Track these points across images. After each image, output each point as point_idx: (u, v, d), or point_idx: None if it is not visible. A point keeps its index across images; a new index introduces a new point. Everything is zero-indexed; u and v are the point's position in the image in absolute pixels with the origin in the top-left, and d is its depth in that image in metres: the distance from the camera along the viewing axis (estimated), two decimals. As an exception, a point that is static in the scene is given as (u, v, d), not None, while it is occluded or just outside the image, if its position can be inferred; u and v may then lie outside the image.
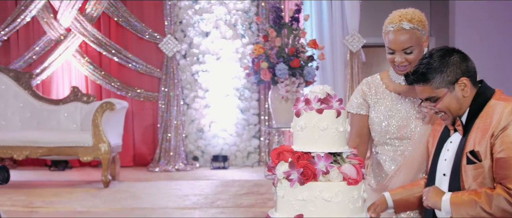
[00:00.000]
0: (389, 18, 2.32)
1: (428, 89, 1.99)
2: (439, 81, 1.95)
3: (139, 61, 7.16)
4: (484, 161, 1.90)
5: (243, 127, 7.31)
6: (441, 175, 2.07)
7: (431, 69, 1.96)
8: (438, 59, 1.97)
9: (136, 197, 5.07)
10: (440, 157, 2.09)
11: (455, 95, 1.97)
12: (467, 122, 1.99)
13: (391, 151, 2.38)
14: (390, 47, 2.29)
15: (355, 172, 1.88)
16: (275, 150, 1.99)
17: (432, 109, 2.03)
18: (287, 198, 1.91)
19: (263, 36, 6.36)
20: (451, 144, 2.05)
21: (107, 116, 5.65)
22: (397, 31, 2.26)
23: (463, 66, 1.96)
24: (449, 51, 1.99)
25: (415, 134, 2.33)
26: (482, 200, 1.85)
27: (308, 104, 1.95)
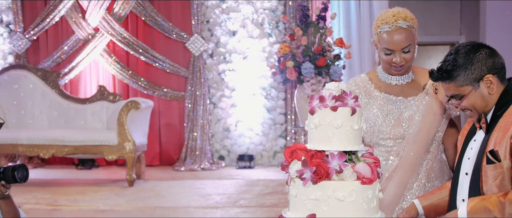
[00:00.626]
0: (381, 19, 2.24)
1: (452, 87, 1.91)
2: (463, 79, 1.88)
3: (166, 61, 7.19)
4: (504, 161, 1.82)
5: (269, 126, 7.26)
6: (464, 174, 1.99)
7: (455, 66, 1.88)
8: (464, 55, 1.88)
9: (159, 196, 5.08)
10: (464, 156, 2.01)
11: (480, 92, 1.89)
12: (491, 120, 1.91)
13: (384, 152, 2.32)
14: (388, 48, 2.22)
15: (369, 171, 1.81)
16: (289, 148, 1.93)
17: (457, 106, 1.96)
18: (300, 197, 1.85)
19: (289, 35, 6.31)
20: (475, 142, 1.98)
21: (132, 114, 5.68)
22: (395, 31, 2.20)
23: (489, 63, 1.87)
24: (476, 47, 1.90)
25: (408, 133, 2.28)
26: (495, 208, 1.77)
27: (323, 101, 1.89)
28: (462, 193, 1.99)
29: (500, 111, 1.88)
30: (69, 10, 7.05)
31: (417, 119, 2.28)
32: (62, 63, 7.19)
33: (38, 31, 7.17)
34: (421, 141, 2.27)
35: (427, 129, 2.28)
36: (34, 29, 7.16)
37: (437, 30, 7.77)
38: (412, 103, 2.31)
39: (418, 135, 2.27)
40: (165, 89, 7.25)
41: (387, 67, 2.30)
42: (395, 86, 2.34)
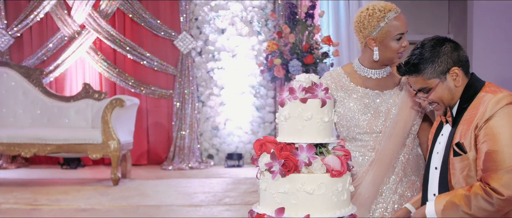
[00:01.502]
0: (380, 11, 2.19)
1: (420, 80, 1.93)
2: (430, 71, 1.90)
3: (154, 58, 7.13)
4: (469, 153, 1.83)
5: (258, 124, 7.22)
6: (433, 168, 2.00)
7: (422, 59, 1.91)
8: (430, 49, 1.91)
9: (143, 195, 5.02)
10: (434, 150, 2.02)
11: (447, 85, 1.91)
12: (457, 114, 1.93)
13: (361, 147, 2.28)
14: (401, 32, 2.20)
15: (339, 164, 1.76)
16: (258, 141, 1.89)
17: (425, 99, 1.96)
18: (269, 190, 1.81)
19: (277, 32, 6.26)
20: (442, 137, 1.99)
21: (117, 112, 5.61)
22: (400, 14, 2.21)
23: (455, 56, 1.90)
24: (441, 41, 1.93)
25: (385, 127, 2.25)
26: (462, 202, 1.78)
27: (292, 93, 1.84)
28: (433, 187, 1.98)
29: (465, 104, 1.90)
30: (54, 6, 6.96)
31: (394, 112, 2.25)
32: (47, 61, 7.10)
33: (21, 28, 7.07)
34: (398, 135, 2.24)
35: (404, 122, 2.25)
36: (18, 25, 7.05)
37: (426, 29, 7.74)
38: (388, 97, 2.28)
39: (394, 129, 2.24)
40: (153, 88, 7.19)
41: (392, 56, 2.23)
42: (371, 80, 2.31)
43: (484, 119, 1.78)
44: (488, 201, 1.73)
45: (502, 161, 1.73)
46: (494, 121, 1.77)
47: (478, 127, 1.80)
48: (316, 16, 6.36)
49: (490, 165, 1.75)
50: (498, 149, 1.74)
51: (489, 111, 1.78)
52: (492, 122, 1.77)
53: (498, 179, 1.72)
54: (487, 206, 1.73)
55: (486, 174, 1.76)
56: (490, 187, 1.72)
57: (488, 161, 1.76)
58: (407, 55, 2.01)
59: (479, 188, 1.75)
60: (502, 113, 1.77)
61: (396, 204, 2.25)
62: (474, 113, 1.84)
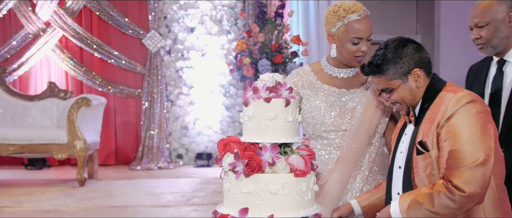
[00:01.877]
0: (343, 10, 2.18)
1: (383, 81, 1.95)
2: (392, 72, 1.91)
3: (122, 57, 7.03)
4: (432, 151, 1.85)
5: (228, 124, 7.19)
6: (397, 168, 2.01)
7: (385, 60, 1.92)
8: (393, 50, 1.92)
9: (110, 196, 4.93)
10: (397, 150, 2.04)
11: (408, 86, 1.93)
12: (419, 113, 1.95)
13: (326, 145, 2.28)
14: (359, 36, 2.17)
15: (303, 164, 1.75)
16: (222, 141, 1.87)
17: (387, 100, 1.98)
18: (233, 191, 1.79)
19: (246, 31, 6.25)
20: (406, 136, 2.00)
21: (84, 112, 5.50)
22: (364, 18, 2.18)
23: (417, 57, 1.92)
24: (404, 42, 1.94)
25: (351, 125, 2.25)
26: (425, 200, 1.79)
27: (256, 93, 1.82)
28: (397, 187, 1.99)
29: (426, 104, 1.92)
30: (18, 3, 6.78)
31: (359, 111, 2.26)
32: (10, 59, 6.91)
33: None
34: (363, 133, 2.25)
35: (369, 121, 2.26)
36: (-21, 22, 6.88)
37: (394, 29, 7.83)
38: (354, 96, 2.29)
39: (360, 127, 2.25)
40: (121, 87, 7.09)
41: (350, 58, 2.23)
42: (338, 78, 2.32)
43: (446, 117, 1.80)
44: (451, 198, 1.74)
45: (463, 159, 1.75)
46: (455, 119, 1.79)
47: (440, 125, 1.82)
48: (286, 15, 6.36)
49: (452, 162, 1.77)
50: (459, 147, 1.76)
51: (450, 109, 1.80)
52: (453, 120, 1.79)
53: (459, 176, 1.73)
54: (449, 203, 1.74)
55: (448, 171, 1.77)
56: (452, 184, 1.74)
57: (450, 158, 1.78)
58: (371, 55, 2.01)
59: (441, 185, 1.77)
60: (462, 111, 1.79)
61: None
62: (435, 111, 1.85)
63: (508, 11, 2.29)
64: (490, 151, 1.76)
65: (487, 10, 2.29)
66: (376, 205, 2.10)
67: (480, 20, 2.29)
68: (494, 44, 2.30)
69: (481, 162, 1.73)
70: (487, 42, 2.30)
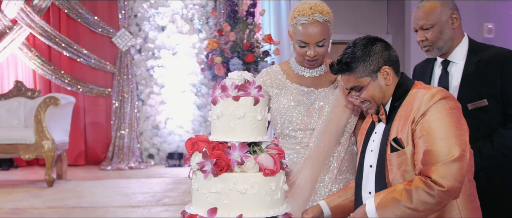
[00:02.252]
0: (297, 10, 2.19)
1: (352, 79, 1.94)
2: (362, 70, 1.91)
3: (91, 56, 6.92)
4: (407, 148, 1.84)
5: (200, 123, 7.15)
6: (368, 166, 1.99)
7: (354, 58, 1.92)
8: (361, 48, 1.93)
9: (79, 196, 4.85)
10: (367, 149, 2.02)
11: (378, 83, 1.93)
12: (390, 111, 1.95)
13: (294, 144, 2.28)
14: (303, 40, 2.17)
15: (272, 162, 1.75)
16: (190, 140, 1.85)
17: (357, 98, 1.97)
18: (202, 190, 1.77)
19: (217, 30, 6.22)
20: (376, 134, 1.99)
21: (52, 111, 5.39)
22: (310, 23, 2.15)
23: (385, 55, 1.92)
24: (372, 40, 1.95)
25: (318, 124, 2.25)
26: (403, 197, 1.77)
27: (225, 91, 1.81)
28: (368, 186, 1.98)
29: (397, 102, 1.92)
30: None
31: (327, 110, 2.25)
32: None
33: None
34: (331, 132, 2.25)
35: (337, 120, 2.25)
36: None
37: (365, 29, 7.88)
38: (322, 95, 2.29)
39: (327, 126, 2.24)
40: (91, 86, 6.98)
41: (300, 60, 2.27)
42: (307, 78, 2.32)
43: (420, 114, 1.81)
44: (429, 193, 1.73)
45: (439, 154, 1.75)
46: (429, 115, 1.79)
47: (414, 121, 1.82)
48: (257, 14, 6.36)
49: (428, 158, 1.77)
50: (434, 143, 1.76)
51: (424, 105, 1.81)
52: (427, 117, 1.79)
53: (437, 171, 1.73)
54: (428, 198, 1.73)
55: (425, 167, 1.77)
56: (431, 180, 1.73)
57: (426, 155, 1.77)
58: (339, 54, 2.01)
59: (419, 181, 1.76)
60: (436, 107, 1.79)
61: None
62: (409, 108, 1.86)
63: (451, 13, 2.31)
64: (465, 146, 1.76)
65: (431, 12, 2.30)
66: (345, 206, 2.10)
67: (425, 23, 2.30)
68: (439, 46, 2.32)
69: (458, 157, 1.73)
70: (433, 44, 2.32)
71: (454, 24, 2.32)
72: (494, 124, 2.21)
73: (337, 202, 2.11)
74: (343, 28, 7.83)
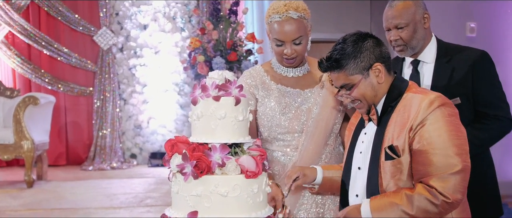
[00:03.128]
0: (272, 8, 2.16)
1: (342, 76, 1.86)
2: (353, 67, 1.83)
3: (72, 54, 6.82)
4: (403, 157, 1.78)
5: (182, 122, 7.09)
6: (356, 168, 1.93)
7: (344, 55, 1.84)
8: (352, 44, 1.84)
9: (60, 198, 4.77)
10: (355, 150, 1.96)
11: (370, 81, 1.85)
12: (382, 113, 1.87)
13: (283, 146, 2.24)
14: (279, 39, 2.14)
15: (254, 164, 1.71)
16: (169, 141, 1.80)
17: (348, 97, 1.89)
18: (182, 193, 1.73)
19: (200, 29, 6.17)
20: (366, 136, 1.92)
21: (31, 111, 5.30)
22: (285, 21, 2.12)
23: (377, 52, 1.84)
24: (363, 36, 1.87)
25: (307, 127, 2.21)
26: (403, 202, 1.72)
27: (205, 91, 1.77)
28: (356, 188, 1.93)
29: (391, 104, 1.85)
30: (-40, -2, 6.49)
31: (315, 111, 2.22)
32: (-48, 56, 6.60)
33: None
34: (320, 134, 2.22)
35: (325, 121, 2.22)
36: None
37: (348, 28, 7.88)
38: (309, 96, 2.25)
39: (316, 128, 2.21)
40: (72, 85, 6.88)
41: (279, 59, 2.23)
42: (291, 78, 2.27)
43: (418, 122, 1.74)
44: (433, 202, 1.69)
45: (441, 165, 1.70)
46: (428, 124, 1.73)
47: (412, 129, 1.75)
48: (240, 13, 6.32)
49: (429, 169, 1.72)
50: (435, 153, 1.71)
51: (422, 113, 1.74)
52: (427, 126, 1.73)
53: (442, 182, 1.69)
54: (430, 207, 1.70)
55: (428, 177, 1.72)
56: (436, 190, 1.70)
57: (427, 165, 1.72)
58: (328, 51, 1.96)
59: (423, 189, 1.72)
60: (435, 115, 1.73)
61: (319, 205, 2.24)
62: (406, 115, 1.78)
63: (423, 12, 2.31)
64: (466, 156, 1.73)
65: (406, 11, 2.27)
66: (334, 182, 2.06)
67: (400, 22, 2.27)
68: (413, 46, 2.31)
69: (461, 168, 1.70)
70: (407, 44, 2.30)
71: (426, 24, 2.32)
72: (466, 122, 2.23)
73: (331, 175, 2.06)
74: (326, 27, 7.83)
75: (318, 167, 2.08)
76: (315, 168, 2.06)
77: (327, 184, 2.07)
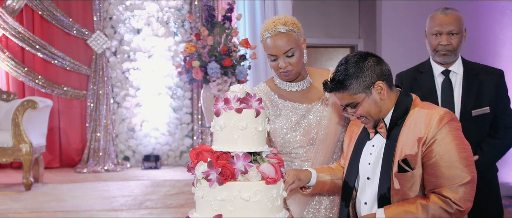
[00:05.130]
0: (263, 28, 2.30)
1: (347, 96, 1.98)
2: (356, 87, 1.95)
3: (66, 58, 6.88)
4: (416, 170, 1.92)
5: (175, 126, 7.20)
6: (365, 178, 2.07)
7: (347, 75, 1.96)
8: (353, 65, 1.96)
9: (59, 200, 4.85)
10: (362, 160, 2.09)
11: (373, 99, 1.97)
12: (390, 128, 2.00)
13: (295, 158, 2.37)
14: (272, 54, 2.27)
15: (273, 171, 1.86)
16: (194, 150, 1.95)
17: (353, 115, 2.02)
18: (206, 198, 1.87)
19: (195, 34, 6.28)
20: (374, 148, 2.05)
21: (29, 114, 5.37)
22: (274, 36, 2.25)
23: (378, 70, 1.97)
24: (364, 56, 2.00)
25: (318, 140, 2.34)
26: (419, 211, 1.87)
27: (228, 103, 1.92)
28: (365, 196, 2.06)
29: (399, 119, 1.98)
30: (-44, 1, 6.51)
31: (324, 123, 2.33)
32: None
33: None
34: (330, 144, 2.35)
35: (334, 131, 2.35)
36: None
37: (338, 33, 8.08)
38: (317, 109, 2.35)
39: (326, 139, 2.33)
40: (66, 88, 6.94)
41: (277, 74, 2.34)
42: (296, 92, 2.38)
43: (430, 137, 1.88)
44: (447, 211, 1.86)
45: (452, 177, 1.86)
46: (440, 139, 1.88)
47: (425, 143, 1.89)
48: (234, 19, 6.45)
49: (441, 181, 1.88)
50: (447, 166, 1.87)
51: (434, 129, 1.88)
52: (439, 141, 1.87)
53: (455, 192, 1.85)
54: (444, 215, 1.86)
55: (441, 188, 1.88)
56: (450, 200, 1.86)
57: (440, 178, 1.88)
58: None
59: (437, 198, 1.87)
60: (446, 131, 1.88)
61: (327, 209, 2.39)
62: (417, 130, 1.92)
63: (464, 27, 2.60)
64: (473, 167, 1.90)
65: (459, 20, 2.56)
66: (325, 184, 2.20)
67: (455, 29, 2.55)
68: (457, 53, 2.61)
69: (470, 179, 1.87)
70: (453, 50, 2.56)
71: (465, 38, 2.59)
72: (487, 129, 2.54)
73: (324, 178, 2.20)
74: (315, 32, 7.99)
75: (312, 169, 2.20)
76: (309, 171, 2.19)
77: (318, 186, 2.21)
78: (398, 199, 1.95)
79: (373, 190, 2.03)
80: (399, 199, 1.95)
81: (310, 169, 2.21)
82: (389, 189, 1.96)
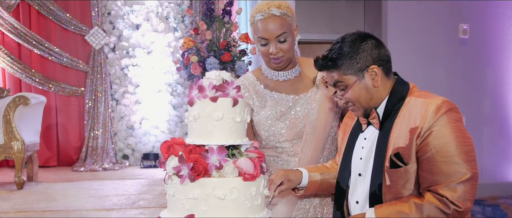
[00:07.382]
0: (255, 9, 2.13)
1: (336, 75, 1.80)
2: (347, 67, 1.77)
3: (63, 54, 6.74)
4: (410, 165, 1.72)
5: (175, 123, 7.03)
6: (356, 174, 1.88)
7: (341, 54, 1.78)
8: (349, 44, 1.78)
9: (51, 199, 4.69)
10: (354, 155, 1.90)
11: (365, 84, 1.78)
12: (384, 118, 1.80)
13: (281, 153, 2.20)
14: (262, 37, 2.10)
15: (252, 166, 1.67)
16: (166, 143, 1.76)
17: (341, 98, 1.84)
18: (178, 196, 1.69)
19: (193, 29, 6.11)
20: (366, 141, 1.86)
21: (21, 111, 5.22)
22: (267, 18, 2.08)
23: (375, 54, 1.78)
24: (362, 36, 1.81)
25: (306, 133, 2.17)
26: (412, 211, 1.68)
27: (202, 91, 1.73)
28: (356, 194, 1.88)
29: (394, 107, 1.78)
30: (-51, -4, 6.40)
31: (312, 117, 2.17)
32: None
33: None
34: (318, 139, 2.17)
35: (323, 126, 2.18)
36: None
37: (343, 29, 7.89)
38: (304, 101, 2.20)
39: (314, 134, 2.17)
40: (63, 85, 6.80)
41: (266, 60, 2.18)
42: (283, 82, 2.22)
43: (426, 129, 1.68)
44: (444, 211, 1.65)
45: (451, 173, 1.66)
46: (436, 131, 1.67)
47: (420, 136, 1.69)
48: (234, 13, 6.28)
49: (438, 178, 1.67)
50: (445, 162, 1.66)
51: (430, 119, 1.68)
52: (435, 133, 1.68)
53: (453, 190, 1.65)
54: (441, 216, 1.66)
55: (437, 186, 1.68)
56: (447, 198, 1.66)
57: (437, 174, 1.68)
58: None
59: (433, 197, 1.67)
60: (443, 122, 1.68)
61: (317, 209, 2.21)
62: (412, 120, 1.72)
63: None
64: (474, 163, 1.68)
65: None
66: (317, 183, 2.01)
67: None
68: None
69: (471, 176, 1.66)
70: None
71: None
72: None
73: (317, 178, 2.01)
74: (320, 28, 7.81)
75: (303, 169, 2.02)
76: (300, 171, 2.01)
77: (311, 187, 2.02)
78: (391, 198, 1.75)
79: (365, 187, 1.83)
80: (392, 197, 1.75)
81: (301, 169, 2.03)
82: (380, 186, 1.76)
